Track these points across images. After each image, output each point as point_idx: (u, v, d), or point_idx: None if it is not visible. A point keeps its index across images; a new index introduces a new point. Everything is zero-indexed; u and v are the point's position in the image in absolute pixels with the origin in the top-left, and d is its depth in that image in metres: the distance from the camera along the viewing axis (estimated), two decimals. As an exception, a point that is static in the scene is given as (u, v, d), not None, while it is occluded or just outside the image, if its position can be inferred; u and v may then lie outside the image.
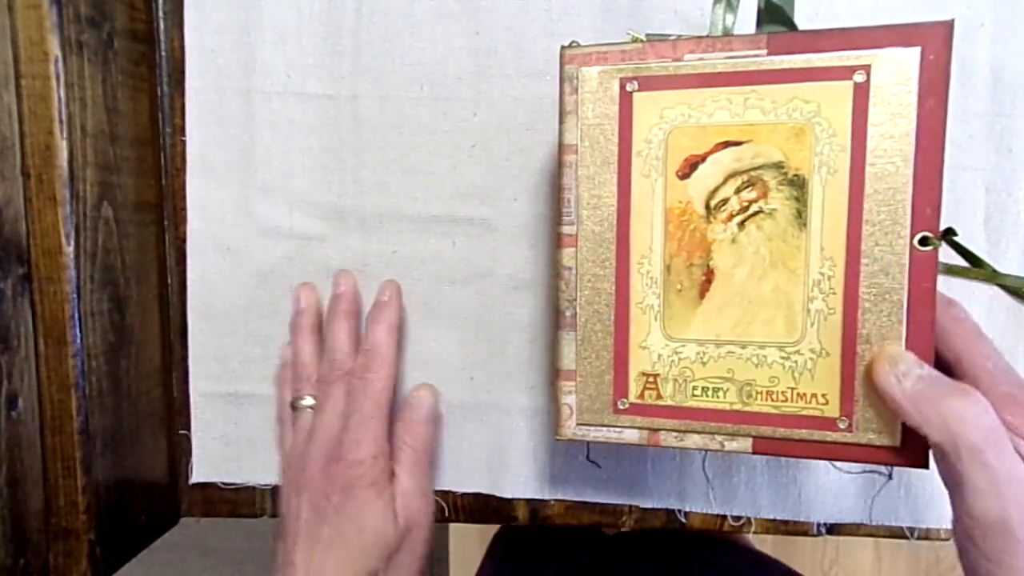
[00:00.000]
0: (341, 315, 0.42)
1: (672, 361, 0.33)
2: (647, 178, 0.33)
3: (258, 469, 0.47)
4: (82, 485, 0.40)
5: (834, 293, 0.30)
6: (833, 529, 0.44)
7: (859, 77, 0.29)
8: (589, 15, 0.43)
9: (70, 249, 0.39)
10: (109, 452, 0.42)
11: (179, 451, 0.47)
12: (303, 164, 0.45)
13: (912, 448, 0.30)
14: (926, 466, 0.30)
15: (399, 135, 0.44)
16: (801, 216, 0.31)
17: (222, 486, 0.47)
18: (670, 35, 0.34)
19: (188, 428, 0.47)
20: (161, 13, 0.45)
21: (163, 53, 0.46)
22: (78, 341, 0.40)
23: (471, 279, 0.45)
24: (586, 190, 0.33)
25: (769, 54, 0.31)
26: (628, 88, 0.33)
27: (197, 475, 0.47)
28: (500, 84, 0.43)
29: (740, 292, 0.32)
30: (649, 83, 0.32)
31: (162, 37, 0.46)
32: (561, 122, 0.34)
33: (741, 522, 0.44)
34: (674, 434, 0.33)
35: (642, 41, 0.33)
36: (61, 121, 0.38)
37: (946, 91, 0.29)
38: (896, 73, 0.29)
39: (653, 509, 0.44)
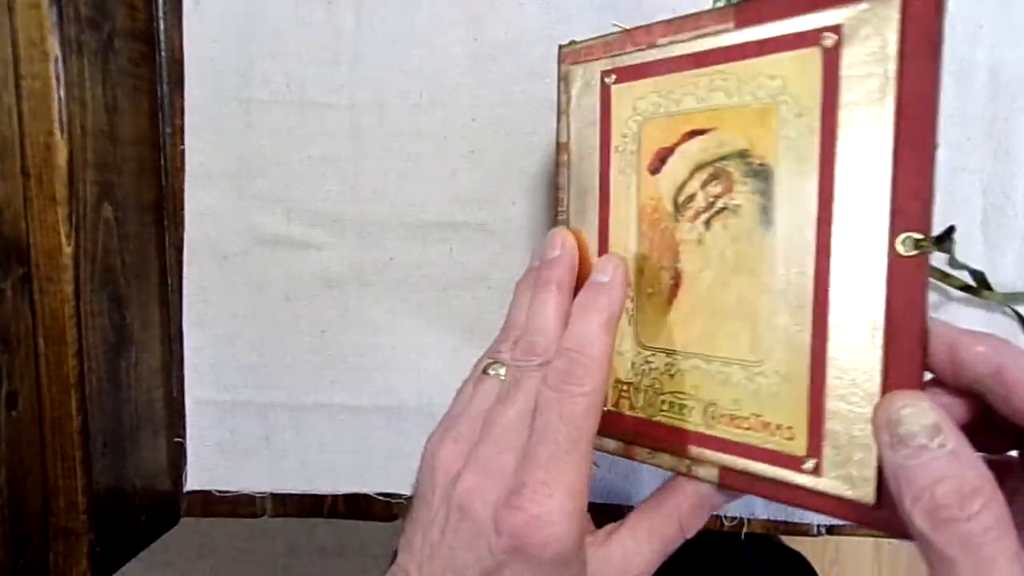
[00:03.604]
0: (553, 286, 0.30)
1: (643, 370, 0.30)
2: (624, 175, 0.30)
3: (253, 477, 0.47)
4: (82, 485, 0.40)
5: (801, 306, 0.25)
6: (833, 529, 0.44)
7: (828, 41, 0.24)
8: (587, 17, 0.43)
9: (70, 249, 0.39)
10: (109, 452, 0.42)
11: (179, 451, 0.48)
12: (301, 173, 0.45)
13: (892, 509, 0.23)
14: (909, 536, 0.23)
15: (397, 142, 0.44)
16: (767, 213, 0.26)
17: (216, 494, 0.47)
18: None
19: (185, 433, 0.47)
20: (161, 13, 0.45)
21: (163, 53, 0.46)
22: (78, 341, 0.40)
23: (468, 284, 0.45)
24: (574, 189, 0.33)
25: (736, 27, 0.26)
26: (607, 81, 0.31)
27: (192, 482, 0.47)
28: (499, 89, 0.43)
29: (706, 300, 0.28)
30: (625, 74, 0.30)
31: (162, 37, 0.46)
32: (557, 121, 0.34)
33: (736, 522, 0.44)
34: (647, 450, 0.30)
35: (625, 30, 0.30)
36: (61, 121, 0.38)
37: (938, 51, 0.23)
38: (873, 33, 0.23)
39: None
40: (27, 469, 0.40)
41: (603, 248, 0.31)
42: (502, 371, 0.30)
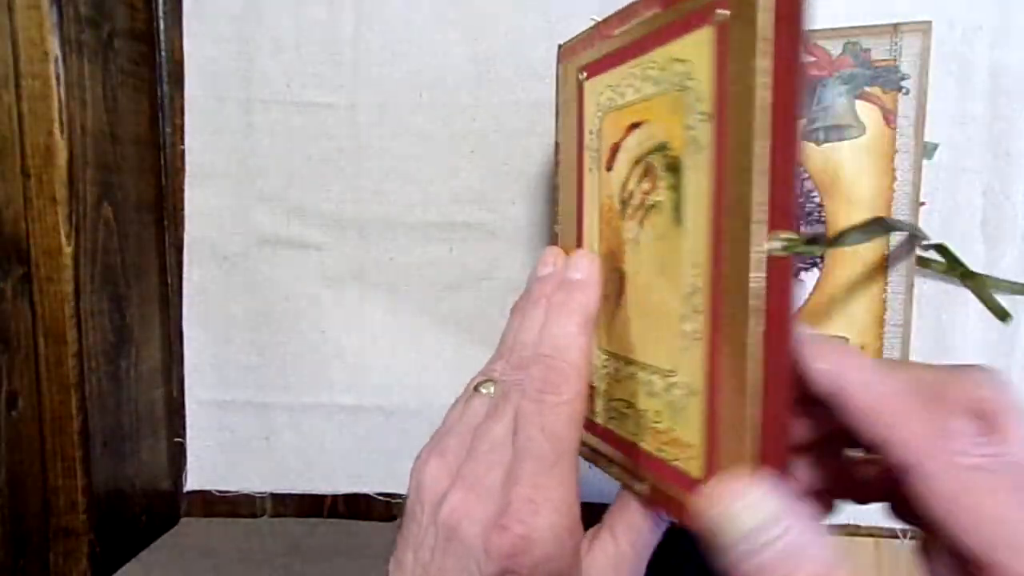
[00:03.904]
0: (544, 302, 0.29)
1: (601, 375, 0.29)
2: (591, 172, 0.29)
3: (253, 477, 0.47)
4: (82, 485, 0.40)
5: (700, 312, 0.22)
6: (832, 528, 0.44)
7: (720, 16, 0.21)
8: (587, 17, 0.43)
9: (70, 249, 0.39)
10: (109, 452, 0.42)
11: (179, 451, 0.48)
12: (302, 173, 0.45)
13: None
14: None
15: (398, 142, 0.44)
16: (678, 210, 0.24)
17: (217, 493, 0.47)
18: None
19: (185, 433, 0.47)
20: (161, 13, 0.45)
21: (163, 53, 0.46)
22: (78, 341, 0.40)
23: (468, 283, 0.45)
24: (564, 188, 0.32)
25: (663, 8, 0.24)
26: (580, 78, 0.30)
27: (192, 482, 0.47)
28: (499, 89, 0.43)
29: (640, 303, 0.26)
30: (592, 69, 0.29)
31: (162, 37, 0.46)
32: (556, 121, 0.34)
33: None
34: (606, 459, 0.28)
35: (596, 24, 0.29)
36: (61, 121, 0.38)
37: (801, 26, 0.20)
38: (755, 5, 0.20)
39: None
40: (27, 469, 0.40)
41: (580, 247, 0.30)
42: (493, 389, 0.29)
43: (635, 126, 0.26)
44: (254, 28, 0.44)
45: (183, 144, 0.45)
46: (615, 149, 0.27)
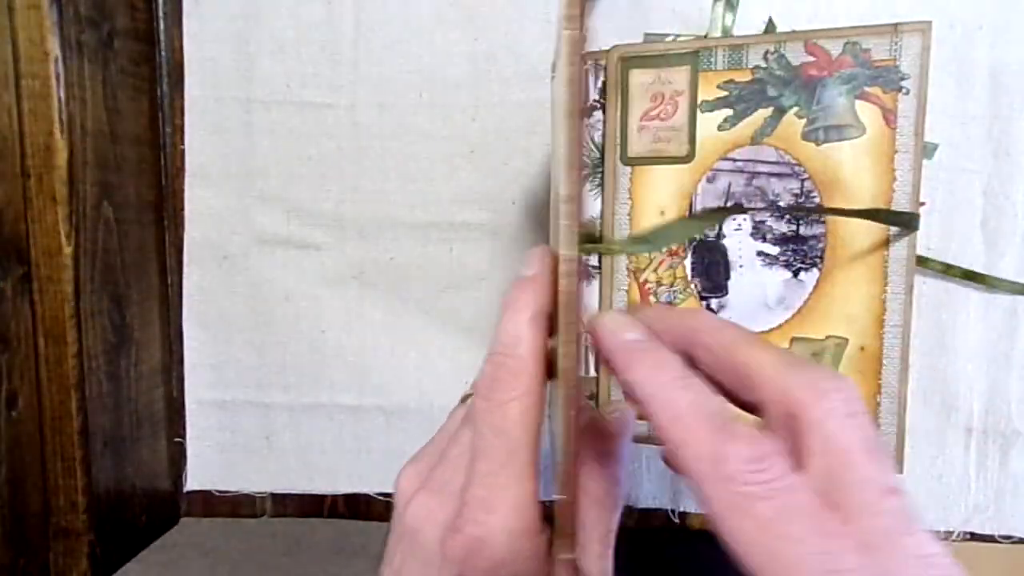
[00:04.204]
0: (512, 307, 0.27)
1: None
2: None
3: (253, 477, 0.47)
4: (82, 485, 0.40)
5: (575, 321, 0.22)
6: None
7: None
8: (588, 17, 0.43)
9: (70, 249, 0.39)
10: (109, 452, 0.42)
11: (179, 451, 0.48)
12: (301, 172, 0.45)
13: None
14: None
15: (398, 142, 0.44)
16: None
17: (216, 493, 0.47)
18: (668, 35, 0.31)
19: (185, 433, 0.47)
20: (161, 13, 0.45)
21: (163, 53, 0.46)
22: (78, 341, 0.40)
23: (468, 284, 0.45)
24: (552, 188, 0.32)
25: None
26: (553, 75, 0.30)
27: (192, 482, 0.47)
28: (499, 89, 0.43)
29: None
30: (556, 65, 0.29)
31: (162, 37, 0.46)
32: None
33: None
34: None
35: None
36: (61, 121, 0.38)
37: (583, 17, 0.19)
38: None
39: (651, 509, 0.45)
40: (27, 469, 0.40)
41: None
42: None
43: None
44: (254, 28, 0.44)
45: (183, 144, 0.46)
46: None
